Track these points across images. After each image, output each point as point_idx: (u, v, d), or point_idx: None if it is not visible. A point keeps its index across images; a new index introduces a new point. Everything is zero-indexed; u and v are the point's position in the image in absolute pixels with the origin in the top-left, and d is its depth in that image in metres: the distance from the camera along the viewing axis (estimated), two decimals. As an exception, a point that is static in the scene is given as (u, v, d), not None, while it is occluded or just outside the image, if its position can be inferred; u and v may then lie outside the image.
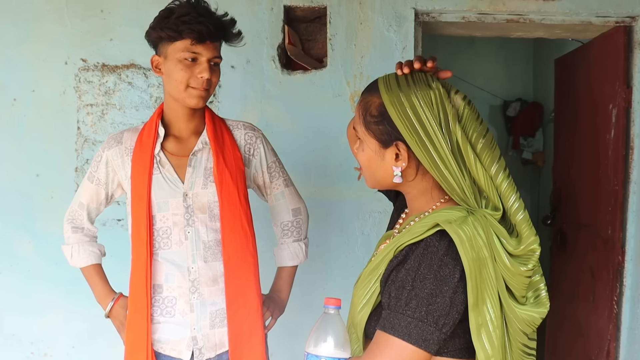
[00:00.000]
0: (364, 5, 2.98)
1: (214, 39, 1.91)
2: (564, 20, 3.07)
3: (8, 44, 2.99)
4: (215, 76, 1.95)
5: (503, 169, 1.27)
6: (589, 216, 3.45)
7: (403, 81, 1.29)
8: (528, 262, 1.23)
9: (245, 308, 2.02)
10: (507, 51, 5.77)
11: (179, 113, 2.01)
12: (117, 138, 2.08)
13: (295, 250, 2.23)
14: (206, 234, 2.01)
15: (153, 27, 1.94)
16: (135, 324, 1.99)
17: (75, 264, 2.16)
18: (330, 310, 1.29)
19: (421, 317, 1.19)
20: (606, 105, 3.20)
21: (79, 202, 2.15)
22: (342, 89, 3.00)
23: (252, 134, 2.13)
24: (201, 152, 2.02)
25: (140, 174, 1.98)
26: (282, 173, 2.21)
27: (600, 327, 3.25)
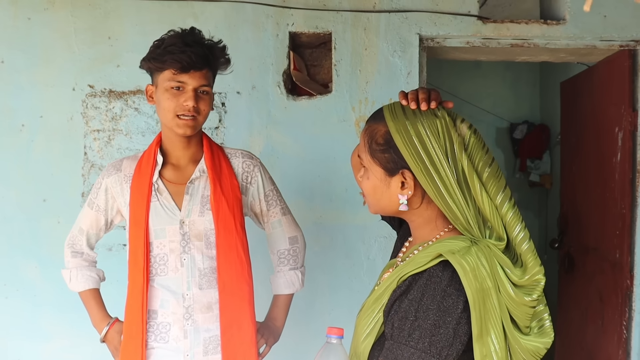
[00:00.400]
0: (368, 31, 3.00)
1: (198, 67, 1.93)
2: (568, 44, 3.07)
3: (17, 70, 3.02)
4: (204, 104, 1.97)
5: (508, 198, 1.28)
6: (596, 240, 3.43)
7: (409, 110, 1.30)
8: (533, 292, 1.23)
9: (240, 335, 2.03)
10: (513, 73, 5.78)
11: (174, 141, 2.04)
12: (116, 166, 2.12)
13: (291, 278, 2.24)
14: (202, 261, 2.03)
15: (145, 57, 1.99)
16: (129, 350, 2.02)
17: (74, 288, 2.20)
18: (333, 340, 1.29)
19: (424, 348, 1.18)
20: (612, 128, 3.20)
21: (79, 228, 2.19)
22: (348, 114, 3.01)
23: (249, 162, 2.15)
24: (198, 180, 2.05)
25: (138, 201, 2.02)
26: (280, 201, 2.23)
27: (609, 353, 3.22)
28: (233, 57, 2.98)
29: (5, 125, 3.03)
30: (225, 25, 3.00)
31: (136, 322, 1.99)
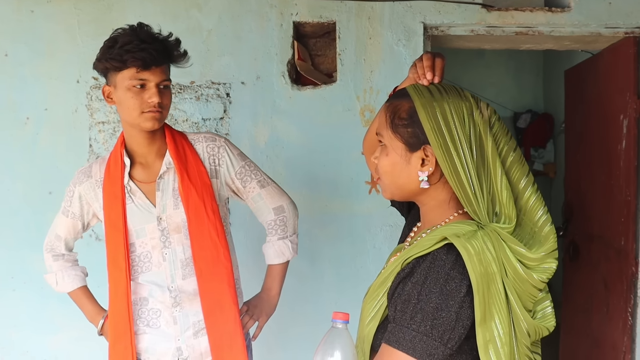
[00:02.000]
0: (372, 20, 3.00)
1: (158, 63, 1.92)
2: (573, 31, 3.06)
3: (21, 63, 3.03)
4: (166, 98, 1.97)
5: (532, 183, 1.31)
6: (601, 227, 3.43)
7: (435, 89, 1.32)
8: (542, 274, 1.24)
9: (223, 317, 2.05)
10: (516, 62, 5.77)
11: (138, 139, 2.03)
12: (86, 172, 2.14)
13: (280, 247, 2.23)
14: (183, 252, 2.06)
15: (99, 58, 1.95)
16: (118, 353, 2.07)
17: (62, 289, 2.24)
18: (338, 325, 1.29)
19: (426, 331, 1.18)
20: (617, 115, 3.19)
21: (56, 235, 2.22)
22: (352, 104, 3.01)
23: (213, 145, 2.12)
24: (167, 174, 2.06)
25: (113, 205, 2.04)
26: (255, 175, 2.18)
27: (614, 339, 3.23)
28: (237, 47, 3.01)
29: (10, 119, 3.03)
30: (229, 15, 3.00)
31: (123, 325, 2.04)
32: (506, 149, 1.31)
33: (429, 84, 1.35)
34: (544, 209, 1.30)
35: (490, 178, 1.27)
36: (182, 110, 3.02)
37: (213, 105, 3.01)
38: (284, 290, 3.00)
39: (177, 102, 3.02)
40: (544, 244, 1.26)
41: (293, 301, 3.05)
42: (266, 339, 3.06)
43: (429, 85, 1.34)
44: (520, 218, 1.30)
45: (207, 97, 3.01)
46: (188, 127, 3.01)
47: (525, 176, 1.31)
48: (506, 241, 1.23)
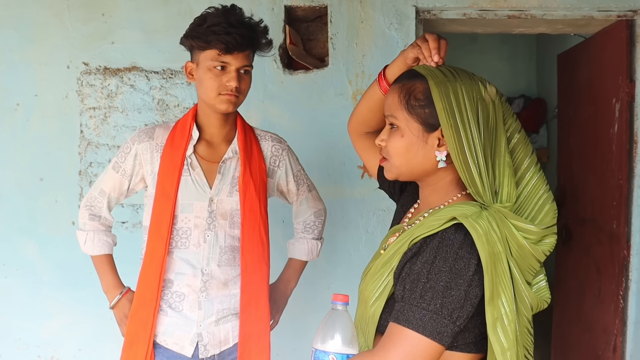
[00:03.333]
0: (364, 3, 2.98)
1: (241, 49, 1.93)
2: (566, 15, 3.05)
3: (10, 48, 3.00)
4: (245, 83, 2.00)
5: (535, 163, 1.36)
6: (593, 211, 3.44)
7: (447, 71, 1.32)
8: (545, 247, 1.30)
9: (257, 314, 2.09)
10: (509, 47, 5.77)
11: (211, 118, 2.05)
12: (149, 133, 2.10)
13: (312, 246, 2.33)
14: (224, 240, 2.06)
15: (186, 34, 1.98)
16: (140, 315, 2.03)
17: (88, 250, 2.17)
18: (338, 307, 1.29)
19: (436, 309, 1.19)
20: (609, 99, 3.19)
21: (100, 190, 2.15)
22: (344, 88, 3.00)
23: (279, 147, 2.20)
24: (230, 161, 2.08)
25: (170, 172, 2.02)
26: (306, 179, 2.31)
27: (606, 322, 3.25)
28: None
29: (0, 105, 3.01)
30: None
31: (151, 290, 2.01)
32: (512, 129, 1.35)
33: (435, 66, 1.36)
34: (545, 187, 1.35)
35: (495, 158, 1.29)
36: (173, 96, 3.00)
37: (204, 90, 2.99)
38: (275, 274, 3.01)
39: (168, 87, 3.00)
40: (544, 220, 1.31)
41: (286, 286, 3.05)
42: (259, 324, 3.07)
43: (441, 67, 1.34)
44: (523, 195, 1.34)
45: (199, 82, 2.99)
46: (179, 112, 2.99)
47: (529, 157, 1.35)
48: (509, 219, 1.26)
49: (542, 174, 1.36)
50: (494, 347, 1.22)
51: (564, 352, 3.83)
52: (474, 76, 1.34)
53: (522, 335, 1.29)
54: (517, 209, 1.32)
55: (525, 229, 1.26)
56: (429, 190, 1.39)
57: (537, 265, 1.30)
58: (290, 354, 3.04)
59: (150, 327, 2.02)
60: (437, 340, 1.19)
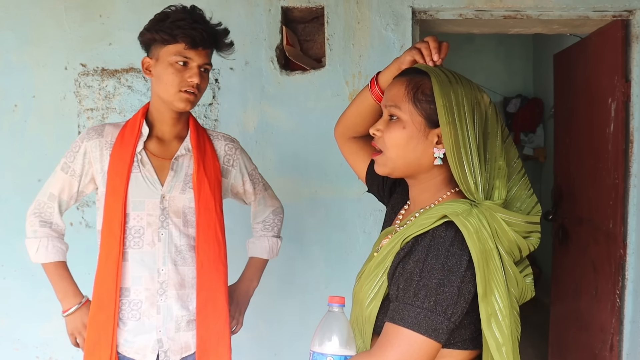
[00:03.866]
0: (361, 4, 2.99)
1: (206, 46, 1.94)
2: (561, 15, 3.07)
3: (8, 50, 3.01)
4: (204, 82, 1.98)
5: (521, 167, 1.41)
6: (590, 210, 3.45)
7: (450, 74, 1.35)
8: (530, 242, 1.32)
9: (215, 315, 2.05)
10: (506, 47, 5.78)
11: (165, 116, 2.02)
12: (98, 130, 2.05)
13: (272, 244, 2.30)
14: (179, 238, 2.02)
15: (147, 28, 1.96)
16: (99, 320, 1.97)
17: (41, 258, 2.07)
18: (335, 309, 1.30)
19: (430, 307, 1.20)
20: (605, 99, 3.21)
21: (49, 194, 2.06)
22: (341, 89, 3.01)
23: (232, 146, 2.18)
24: (183, 158, 2.04)
25: (119, 169, 1.98)
26: (261, 178, 2.29)
27: (603, 321, 3.26)
28: (225, 32, 2.99)
29: (-2, 106, 3.02)
30: (217, 1, 2.98)
31: (109, 294, 1.95)
32: (504, 134, 1.38)
33: (434, 66, 1.38)
34: (528, 192, 1.40)
35: (489, 162, 1.31)
36: (170, 97, 3.01)
37: (202, 91, 3.00)
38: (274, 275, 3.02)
39: (165, 88, 3.00)
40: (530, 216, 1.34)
41: (283, 286, 3.06)
42: (257, 325, 3.08)
43: (444, 69, 1.36)
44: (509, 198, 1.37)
45: (196, 83, 3.00)
46: (177, 113, 3.00)
47: (514, 161, 1.40)
48: (497, 212, 1.27)
49: (526, 178, 1.41)
50: (489, 342, 1.23)
51: (561, 351, 3.84)
52: (472, 82, 1.37)
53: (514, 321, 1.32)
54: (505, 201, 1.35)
55: (513, 222, 1.28)
56: (420, 189, 1.40)
57: (518, 255, 1.32)
58: (288, 355, 3.05)
59: (112, 333, 1.96)
60: (433, 338, 1.20)
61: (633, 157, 3.08)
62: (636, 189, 3.09)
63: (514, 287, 1.30)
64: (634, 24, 3.06)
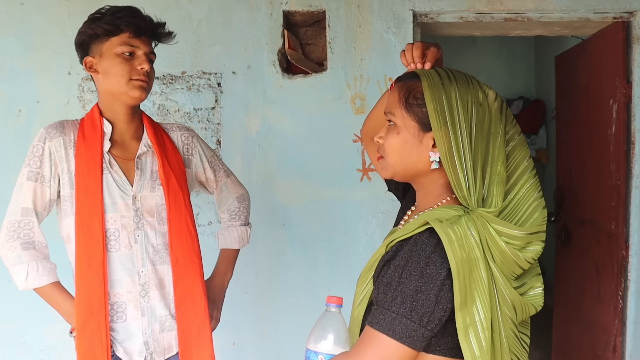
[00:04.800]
0: (362, 8, 3.00)
1: (149, 35, 1.94)
2: (562, 17, 3.08)
3: (12, 55, 3.03)
4: (152, 72, 1.97)
5: (531, 168, 1.36)
6: (592, 212, 3.46)
7: (444, 74, 1.33)
8: (528, 254, 1.28)
9: (193, 309, 2.03)
10: (508, 49, 5.78)
11: (118, 113, 1.97)
12: (58, 128, 1.95)
13: (242, 233, 2.28)
14: (155, 237, 2.00)
15: (84, 27, 1.94)
16: (90, 327, 1.90)
17: (32, 284, 1.93)
18: (332, 309, 1.31)
19: (405, 313, 1.19)
20: (607, 100, 3.21)
21: (22, 209, 1.93)
22: (343, 92, 3.02)
23: (187, 134, 2.16)
24: (145, 155, 2.02)
25: (90, 171, 1.91)
26: (222, 165, 2.26)
27: (606, 322, 3.26)
28: (228, 37, 3.02)
29: (2, 111, 3.04)
30: (219, 5, 3.00)
31: (97, 296, 1.88)
32: (511, 132, 1.36)
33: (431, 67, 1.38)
34: (538, 193, 1.34)
35: (486, 163, 1.29)
36: (173, 101, 3.03)
37: (204, 95, 3.02)
38: (277, 278, 3.03)
39: (168, 92, 3.02)
40: (532, 226, 1.29)
41: (286, 288, 3.07)
42: (260, 326, 3.09)
43: (439, 70, 1.35)
44: (513, 202, 1.33)
45: (199, 87, 3.02)
46: (180, 117, 3.02)
47: (526, 160, 1.36)
48: (491, 223, 1.25)
49: (536, 179, 1.36)
50: (464, 353, 1.21)
51: (564, 352, 3.84)
52: (473, 81, 1.34)
53: (509, 339, 1.29)
54: (507, 214, 1.31)
55: (508, 234, 1.25)
56: (422, 192, 1.40)
57: (518, 270, 1.28)
58: (291, 357, 3.06)
59: (105, 338, 1.90)
60: (407, 344, 1.19)
61: (635, 158, 3.09)
62: (638, 190, 3.09)
63: (506, 305, 1.26)
64: (635, 25, 3.07)
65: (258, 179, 3.03)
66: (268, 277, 3.07)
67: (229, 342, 3.07)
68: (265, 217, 3.05)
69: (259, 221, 3.03)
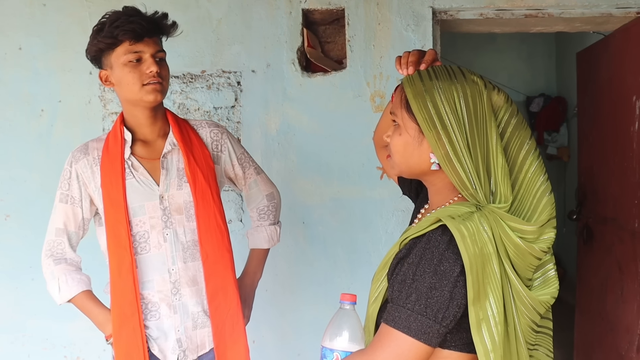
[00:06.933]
0: (381, 5, 3.00)
1: (150, 34, 1.92)
2: (584, 13, 3.05)
3: (34, 56, 3.07)
4: (164, 69, 1.96)
5: (533, 149, 1.32)
6: (615, 210, 3.42)
7: (425, 75, 1.31)
8: (543, 244, 1.27)
9: (226, 303, 2.04)
10: (529, 46, 5.74)
11: (140, 119, 2.00)
12: (82, 150, 2.05)
13: (271, 233, 2.27)
14: (184, 235, 2.02)
15: (90, 43, 1.96)
16: (127, 336, 1.96)
17: (65, 296, 2.03)
18: (346, 306, 1.32)
19: (420, 310, 1.20)
20: (629, 97, 3.17)
21: (55, 230, 2.04)
22: (363, 90, 3.02)
23: (217, 131, 2.15)
24: (171, 154, 2.03)
25: (112, 180, 1.97)
26: (252, 162, 2.25)
27: (629, 322, 3.22)
28: (247, 35, 3.03)
29: (25, 111, 3.08)
30: (239, 4, 3.01)
31: (129, 302, 1.95)
32: (507, 115, 1.33)
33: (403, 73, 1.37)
34: (544, 177, 1.32)
35: (489, 157, 1.28)
36: (193, 99, 3.04)
37: (224, 93, 3.04)
38: (297, 276, 3.04)
39: (188, 91, 3.04)
40: (542, 214, 1.28)
41: (306, 286, 3.08)
42: (280, 324, 3.10)
43: (422, 73, 1.33)
44: (520, 192, 1.31)
45: (218, 86, 3.04)
46: (200, 115, 3.04)
47: (527, 143, 1.32)
48: (504, 220, 1.25)
49: (540, 161, 1.33)
50: (477, 347, 1.22)
51: (586, 352, 3.80)
52: (456, 72, 1.32)
53: (525, 333, 1.29)
54: (516, 205, 1.29)
55: (521, 229, 1.25)
56: (433, 190, 1.40)
57: (535, 262, 1.28)
58: (311, 355, 3.06)
59: (141, 340, 1.95)
60: (423, 341, 1.20)
61: (658, 155, 3.05)
62: (662, 188, 3.06)
63: (521, 301, 1.26)
64: (658, 20, 3.03)
65: (278, 177, 3.03)
66: (288, 275, 3.07)
67: (249, 340, 3.05)
68: (285, 215, 3.04)
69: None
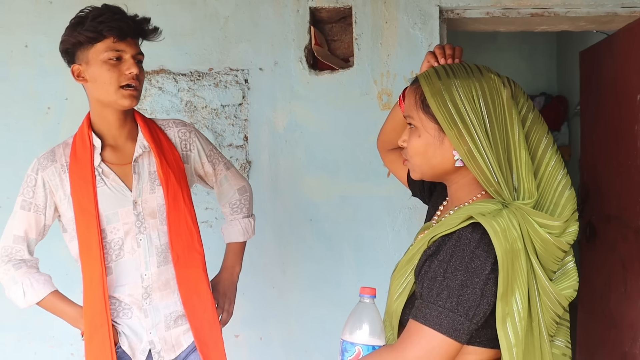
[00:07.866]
0: (388, 4, 3.01)
1: (134, 35, 1.89)
2: (589, 12, 3.06)
3: (41, 54, 3.07)
4: (142, 73, 1.92)
5: (552, 144, 1.35)
6: (618, 208, 3.44)
7: (443, 72, 1.33)
8: (569, 237, 1.30)
9: (201, 304, 2.04)
10: (530, 45, 5.76)
11: (109, 120, 1.95)
12: (49, 157, 1.99)
13: (245, 226, 2.26)
14: (158, 239, 1.99)
15: (67, 35, 1.88)
16: (96, 343, 1.94)
17: (32, 299, 2.00)
18: (366, 299, 1.33)
19: (452, 307, 1.22)
20: (633, 96, 3.19)
21: (14, 237, 1.98)
22: (370, 88, 3.03)
23: (185, 130, 2.12)
24: (142, 158, 1.99)
25: (83, 189, 1.91)
26: (222, 158, 2.23)
27: (632, 319, 3.24)
28: (254, 33, 3.03)
29: (32, 108, 3.08)
30: (246, 2, 3.02)
31: (99, 313, 1.92)
32: (525, 110, 1.35)
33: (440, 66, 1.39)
34: (563, 171, 1.34)
35: (510, 153, 1.29)
36: (200, 97, 3.05)
37: (231, 91, 3.04)
38: (304, 273, 3.05)
39: (195, 89, 3.05)
40: (565, 209, 1.31)
41: (313, 284, 3.09)
42: (287, 321, 3.11)
43: (438, 68, 1.36)
44: (541, 186, 1.33)
45: (226, 84, 3.04)
46: (207, 113, 3.04)
47: (545, 137, 1.35)
48: (531, 216, 1.26)
49: (559, 155, 1.35)
50: (500, 342, 1.24)
51: (589, 349, 3.82)
52: (473, 69, 1.34)
53: (548, 327, 1.31)
54: (537, 199, 1.31)
55: (548, 224, 1.27)
56: (454, 187, 1.41)
57: (561, 254, 1.30)
58: (318, 352, 3.08)
59: (110, 352, 1.92)
60: (454, 337, 1.21)
61: (662, 153, 3.07)
62: (666, 186, 3.07)
63: (547, 296, 1.28)
64: (663, 20, 3.05)
65: (285, 174, 3.05)
66: (295, 272, 3.08)
67: (257, 336, 3.09)
68: (292, 212, 3.06)
69: (286, 217, 3.05)
